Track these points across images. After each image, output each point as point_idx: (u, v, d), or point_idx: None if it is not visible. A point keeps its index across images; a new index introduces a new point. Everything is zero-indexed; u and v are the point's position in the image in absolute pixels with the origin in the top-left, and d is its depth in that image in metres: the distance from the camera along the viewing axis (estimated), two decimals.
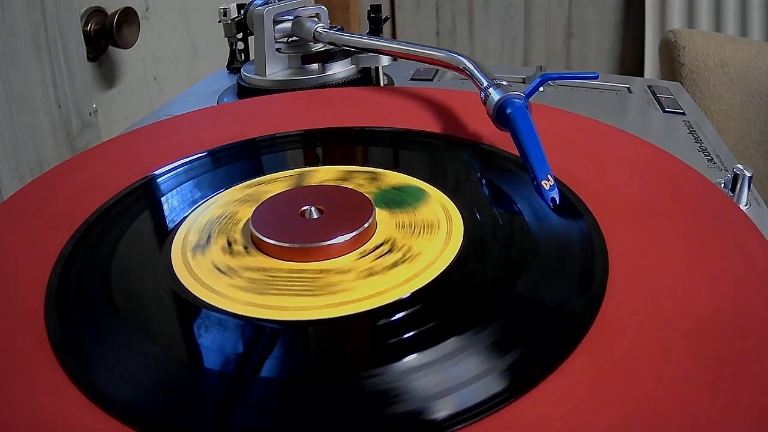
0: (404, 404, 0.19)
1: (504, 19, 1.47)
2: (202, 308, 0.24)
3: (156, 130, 0.42)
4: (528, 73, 0.56)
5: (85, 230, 0.29)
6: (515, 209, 0.29)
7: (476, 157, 0.35)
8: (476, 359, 0.21)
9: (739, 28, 1.30)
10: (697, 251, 0.25)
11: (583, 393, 0.19)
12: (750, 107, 0.84)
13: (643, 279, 0.24)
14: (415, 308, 0.23)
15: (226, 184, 0.33)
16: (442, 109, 0.41)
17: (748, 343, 0.21)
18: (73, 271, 0.27)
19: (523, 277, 0.24)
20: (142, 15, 0.72)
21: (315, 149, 0.38)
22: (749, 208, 0.34)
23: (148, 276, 0.26)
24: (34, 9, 0.52)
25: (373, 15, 0.55)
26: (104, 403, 0.20)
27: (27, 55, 0.52)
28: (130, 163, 0.36)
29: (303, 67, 0.51)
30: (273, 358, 0.22)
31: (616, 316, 0.22)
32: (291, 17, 0.52)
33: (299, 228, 0.28)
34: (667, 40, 0.88)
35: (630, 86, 0.54)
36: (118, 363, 0.22)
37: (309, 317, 0.23)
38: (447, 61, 0.42)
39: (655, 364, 0.20)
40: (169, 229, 0.30)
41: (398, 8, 1.51)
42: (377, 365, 0.21)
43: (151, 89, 0.78)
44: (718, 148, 0.41)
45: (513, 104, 0.33)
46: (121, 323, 0.23)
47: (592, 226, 0.27)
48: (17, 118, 0.51)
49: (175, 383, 0.21)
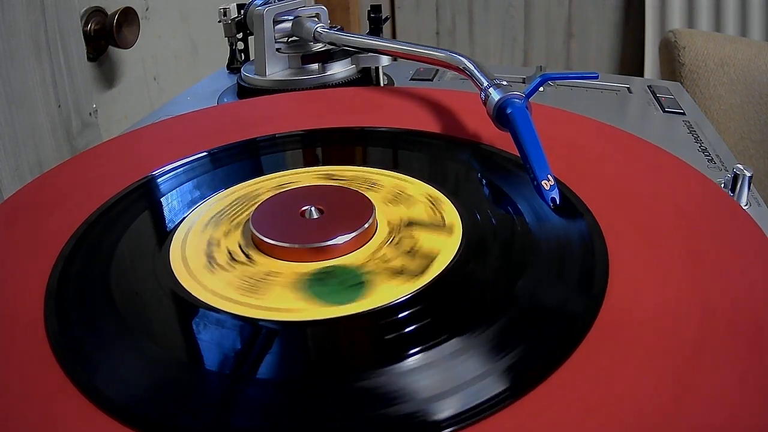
0: (404, 405, 0.19)
1: (504, 19, 1.47)
2: (202, 309, 0.24)
3: (156, 130, 0.42)
4: (528, 73, 0.56)
5: (85, 230, 0.29)
6: (515, 209, 0.29)
7: (476, 157, 0.35)
8: (476, 360, 0.21)
9: (739, 28, 1.30)
10: (697, 251, 0.25)
11: (583, 393, 0.19)
12: (750, 107, 0.84)
13: (643, 279, 0.24)
14: (415, 309, 0.23)
15: (226, 184, 0.33)
16: (442, 109, 0.41)
17: (749, 342, 0.21)
18: (73, 271, 0.27)
19: (523, 278, 0.24)
20: (142, 15, 0.72)
21: (315, 149, 0.38)
22: (749, 208, 0.34)
23: (148, 276, 0.26)
24: (34, 9, 0.52)
25: (373, 15, 0.55)
26: (104, 403, 0.20)
27: (27, 55, 0.52)
28: (130, 163, 0.36)
29: (303, 67, 0.51)
30: (272, 358, 0.22)
31: (616, 316, 0.22)
32: (291, 17, 0.52)
33: (300, 228, 0.28)
34: (667, 40, 0.88)
35: (630, 86, 0.54)
36: (118, 363, 0.22)
37: (308, 317, 0.23)
38: (447, 61, 0.42)
39: (656, 365, 0.20)
40: (168, 230, 0.30)
41: (398, 8, 1.51)
42: (377, 366, 0.21)
43: (151, 89, 0.78)
44: (718, 148, 0.41)
45: (513, 104, 0.33)
46: (121, 323, 0.23)
47: (592, 226, 0.27)
48: (17, 118, 0.51)
49: (175, 384, 0.21)
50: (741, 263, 0.25)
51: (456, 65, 0.41)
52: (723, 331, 0.21)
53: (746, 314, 0.22)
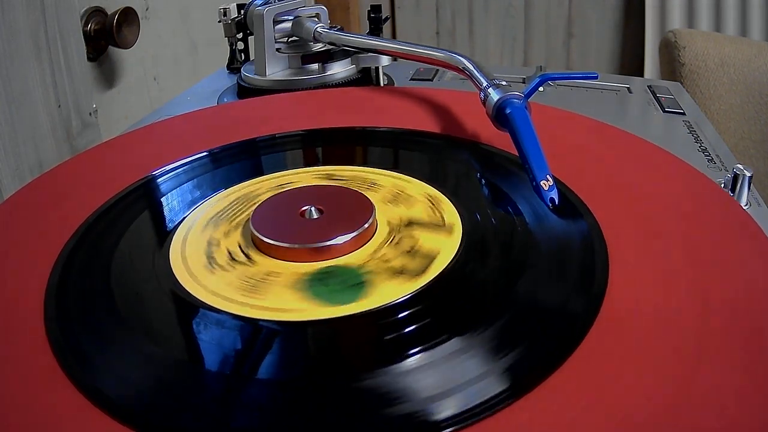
0: (404, 405, 0.19)
1: (504, 19, 1.47)
2: (202, 309, 0.24)
3: (156, 130, 0.42)
4: (528, 73, 0.56)
5: (85, 230, 0.29)
6: (515, 209, 0.29)
7: (476, 157, 0.35)
8: (476, 360, 0.21)
9: (739, 28, 1.30)
10: (697, 251, 0.25)
11: (583, 393, 0.19)
12: (750, 107, 0.84)
13: (643, 279, 0.24)
14: (415, 309, 0.23)
15: (226, 184, 0.33)
16: (441, 109, 0.41)
17: (749, 343, 0.21)
18: (73, 271, 0.27)
19: (523, 278, 0.24)
20: (142, 15, 0.72)
21: (315, 149, 0.38)
22: (749, 208, 0.33)
23: (148, 276, 0.26)
24: (34, 9, 0.52)
25: (373, 15, 0.55)
26: (104, 403, 0.20)
27: (27, 55, 0.52)
28: (130, 163, 0.36)
29: (303, 67, 0.51)
30: (272, 358, 0.22)
31: (616, 316, 0.22)
32: (291, 17, 0.52)
33: (300, 228, 0.28)
34: (667, 40, 0.88)
35: (630, 86, 0.54)
36: (118, 363, 0.22)
37: (308, 318, 0.23)
38: (446, 61, 0.42)
39: (655, 365, 0.20)
40: (168, 229, 0.30)
41: (398, 8, 1.51)
42: (377, 366, 0.21)
43: (151, 89, 0.78)
44: (718, 148, 0.41)
45: (512, 104, 0.33)
46: (121, 323, 0.23)
47: (592, 226, 0.27)
48: (17, 118, 0.51)
49: (175, 383, 0.21)
50: (741, 263, 0.25)
51: (455, 65, 0.41)
52: (723, 330, 0.21)
53: (746, 314, 0.22)
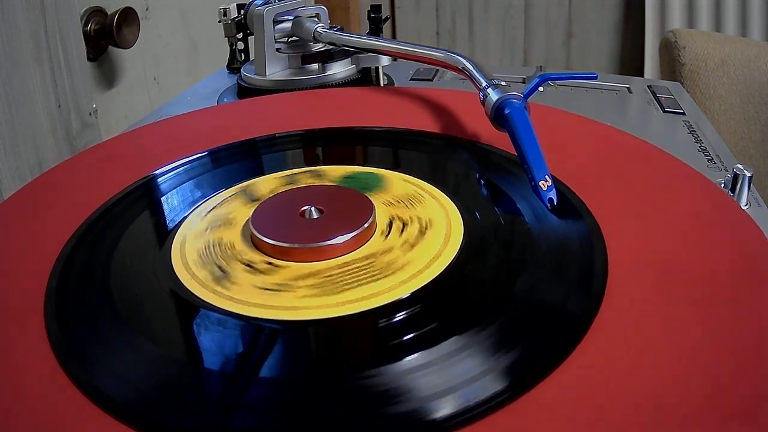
0: (404, 404, 0.19)
1: (504, 19, 1.47)
2: (202, 308, 0.24)
3: (156, 130, 0.42)
4: (528, 73, 0.56)
5: (85, 230, 0.30)
6: (515, 209, 0.29)
7: (476, 157, 0.35)
8: (476, 359, 0.21)
9: (739, 28, 1.30)
10: (697, 251, 0.25)
11: (582, 393, 0.19)
12: (750, 107, 0.84)
13: (642, 279, 0.24)
14: (415, 308, 0.23)
15: (226, 184, 0.33)
16: (441, 109, 0.41)
17: (748, 343, 0.21)
18: (73, 271, 0.27)
19: (523, 277, 0.24)
20: (142, 15, 0.72)
21: (315, 149, 0.38)
22: (749, 208, 0.34)
23: (148, 276, 0.26)
24: (34, 9, 0.52)
25: (373, 15, 0.55)
26: (104, 403, 0.20)
27: (27, 56, 0.52)
28: (130, 163, 0.36)
29: (303, 67, 0.51)
30: (273, 357, 0.22)
31: (616, 316, 0.22)
32: (291, 17, 0.52)
33: (299, 228, 0.28)
34: (667, 40, 0.88)
35: (630, 86, 0.54)
36: (118, 363, 0.22)
37: (309, 317, 0.23)
38: (446, 61, 0.42)
39: (655, 365, 0.20)
40: (169, 229, 0.30)
41: (398, 8, 1.51)
42: (376, 365, 0.21)
43: (151, 89, 0.78)
44: (718, 148, 0.41)
45: (511, 105, 0.33)
46: (121, 323, 0.23)
47: (592, 226, 0.27)
48: (17, 118, 0.51)
49: (175, 383, 0.21)
50: (742, 263, 0.25)
51: (455, 65, 0.41)
52: (723, 330, 0.21)
53: (746, 314, 0.22)
